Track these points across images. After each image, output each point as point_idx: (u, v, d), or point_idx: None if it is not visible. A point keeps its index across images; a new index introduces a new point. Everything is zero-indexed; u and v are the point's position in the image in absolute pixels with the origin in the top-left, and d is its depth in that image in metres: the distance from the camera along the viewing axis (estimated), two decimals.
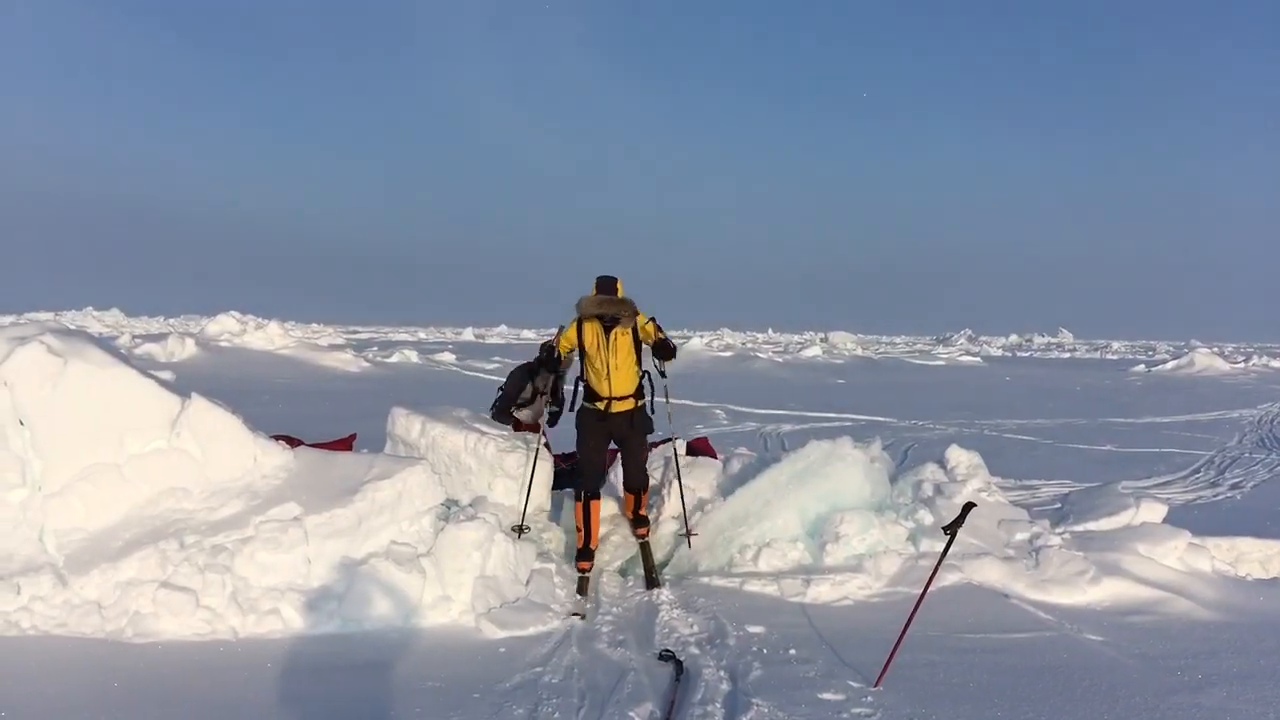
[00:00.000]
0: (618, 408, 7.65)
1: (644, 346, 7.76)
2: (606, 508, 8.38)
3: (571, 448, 8.30)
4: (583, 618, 6.54)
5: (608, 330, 7.49)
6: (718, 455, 9.67)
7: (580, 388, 7.88)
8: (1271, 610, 6.76)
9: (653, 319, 7.68)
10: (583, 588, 7.26)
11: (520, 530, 7.56)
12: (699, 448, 9.98)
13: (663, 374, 8.10)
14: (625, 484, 8.03)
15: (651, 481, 8.81)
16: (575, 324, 7.65)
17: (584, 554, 7.54)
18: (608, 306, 7.49)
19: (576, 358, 7.88)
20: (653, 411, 7.92)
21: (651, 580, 7.47)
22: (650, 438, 8.13)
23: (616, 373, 7.55)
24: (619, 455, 8.11)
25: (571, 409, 8.02)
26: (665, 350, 7.80)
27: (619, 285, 7.59)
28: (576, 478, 7.95)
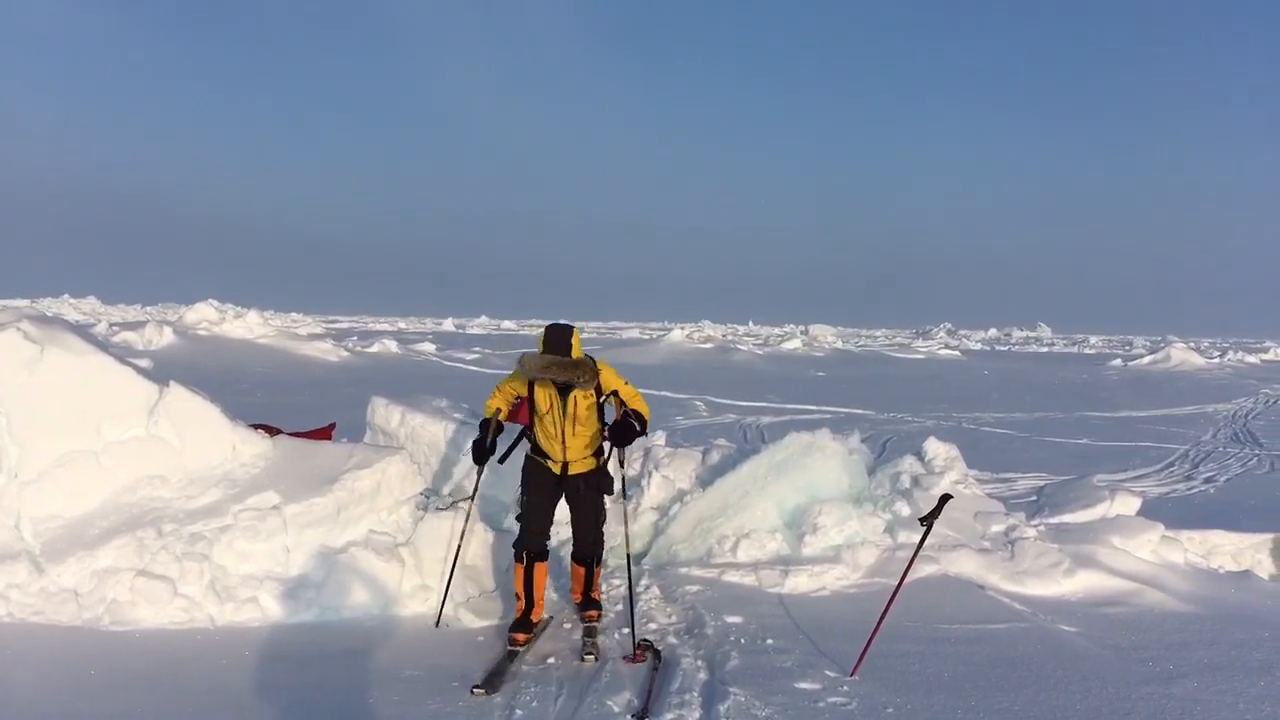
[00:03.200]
0: (575, 470, 6.15)
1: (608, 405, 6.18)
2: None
3: None
4: (486, 694, 5.03)
5: (564, 393, 5.92)
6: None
7: (527, 441, 6.36)
8: (1243, 602, 6.84)
9: (626, 384, 6.13)
10: (502, 665, 5.49)
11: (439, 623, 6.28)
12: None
13: (621, 462, 6.38)
14: (573, 552, 6.40)
15: (630, 473, 8.78)
16: (522, 384, 6.07)
17: (521, 624, 5.97)
18: (557, 371, 5.75)
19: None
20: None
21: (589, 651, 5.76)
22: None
23: (574, 439, 6.04)
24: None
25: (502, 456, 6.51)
26: (626, 433, 5.99)
27: (575, 340, 5.80)
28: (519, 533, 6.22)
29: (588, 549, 6.28)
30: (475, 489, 6.60)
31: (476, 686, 5.07)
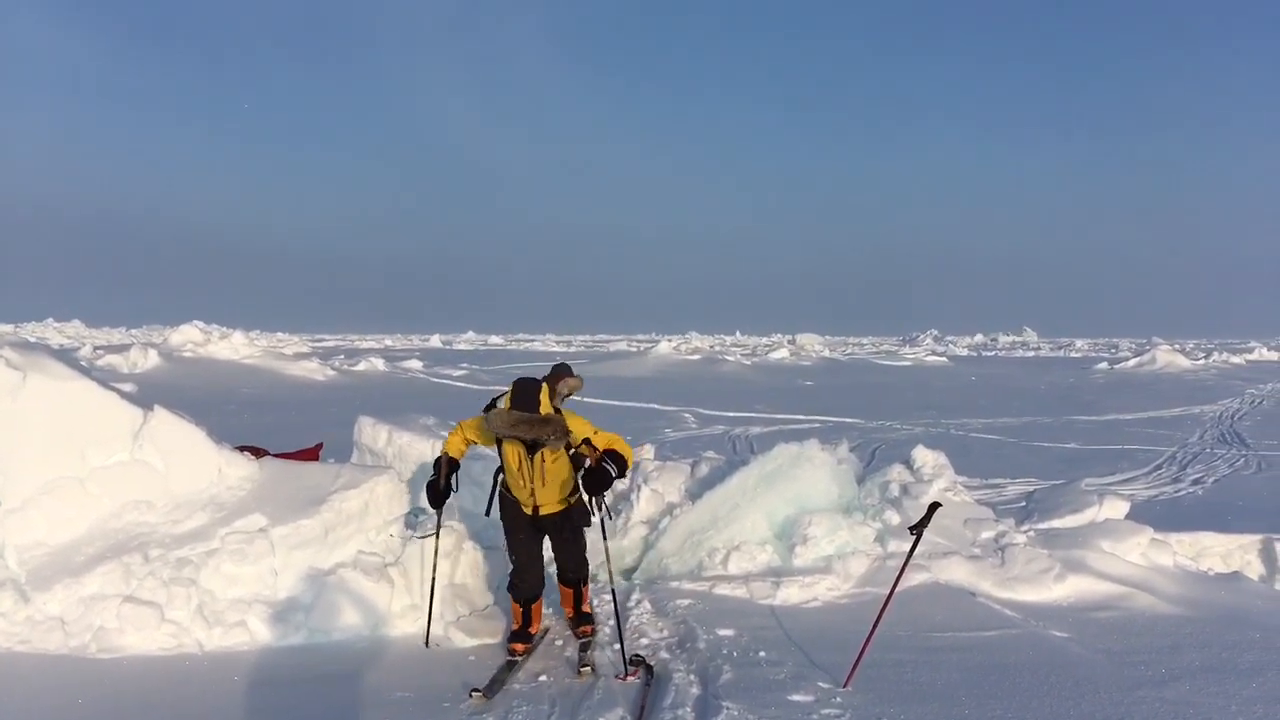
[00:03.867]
0: (546, 511, 6.07)
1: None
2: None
3: None
4: (485, 698, 5.17)
5: (531, 450, 5.76)
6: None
7: (498, 482, 6.27)
8: (1233, 604, 6.85)
9: (598, 431, 5.88)
10: (502, 674, 5.59)
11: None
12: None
13: (598, 505, 6.15)
14: (560, 576, 6.39)
15: (620, 486, 8.78)
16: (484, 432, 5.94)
17: (520, 635, 6.08)
18: (525, 429, 5.56)
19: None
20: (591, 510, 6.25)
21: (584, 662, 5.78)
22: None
23: (544, 490, 5.95)
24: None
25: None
26: (600, 482, 5.85)
27: (542, 396, 5.56)
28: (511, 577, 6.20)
29: (571, 573, 6.30)
30: (438, 526, 6.41)
31: (475, 690, 5.19)
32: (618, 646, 5.92)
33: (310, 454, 8.53)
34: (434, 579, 6.30)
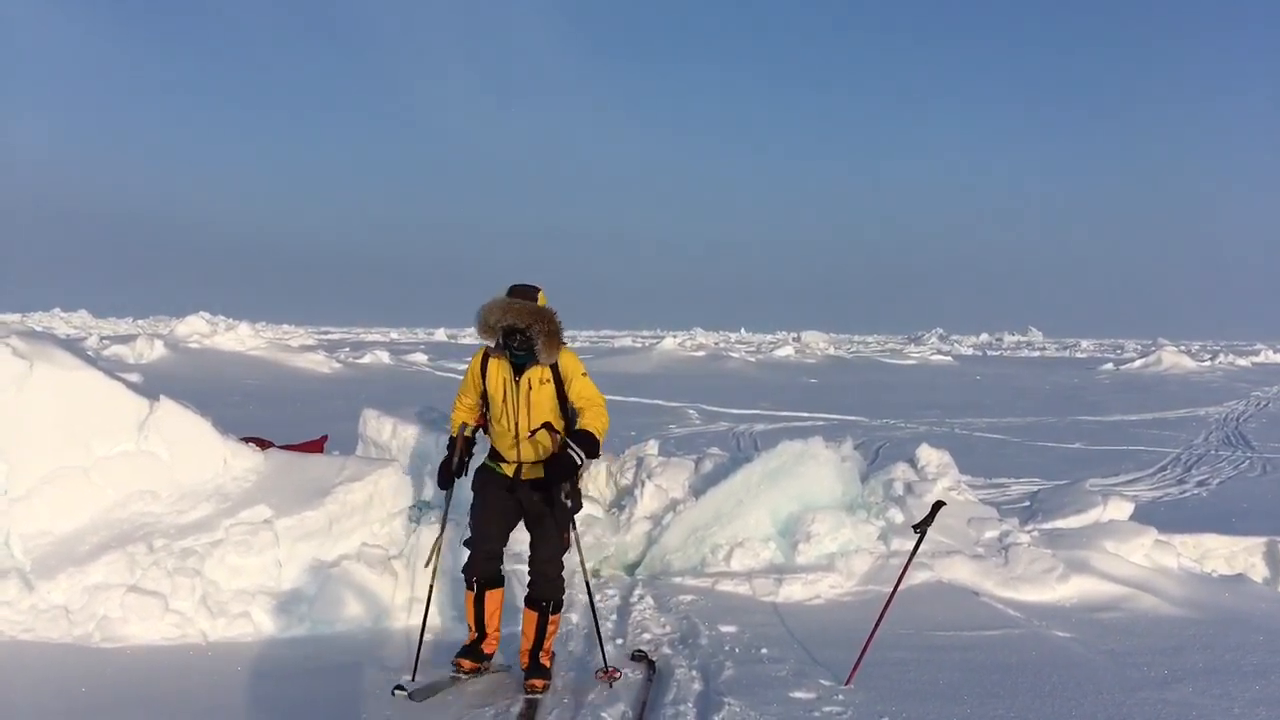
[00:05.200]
0: (530, 474, 5.37)
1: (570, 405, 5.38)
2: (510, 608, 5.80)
3: None
4: (408, 697, 4.91)
5: (518, 369, 5.24)
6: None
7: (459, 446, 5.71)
8: (1237, 606, 6.85)
9: (586, 374, 5.38)
10: (439, 684, 5.19)
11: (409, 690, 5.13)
12: None
13: (565, 496, 5.30)
14: (528, 589, 5.42)
15: (624, 482, 8.75)
16: (478, 359, 5.42)
17: (470, 651, 5.39)
18: (514, 315, 5.10)
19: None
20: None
21: None
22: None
23: (527, 443, 5.32)
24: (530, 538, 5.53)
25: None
26: (563, 468, 5.20)
27: (540, 296, 5.24)
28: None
29: (543, 582, 5.33)
30: (445, 515, 5.87)
31: (399, 687, 4.96)
32: (620, 640, 5.92)
33: (315, 446, 8.54)
34: (435, 566, 5.79)
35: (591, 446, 5.24)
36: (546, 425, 5.28)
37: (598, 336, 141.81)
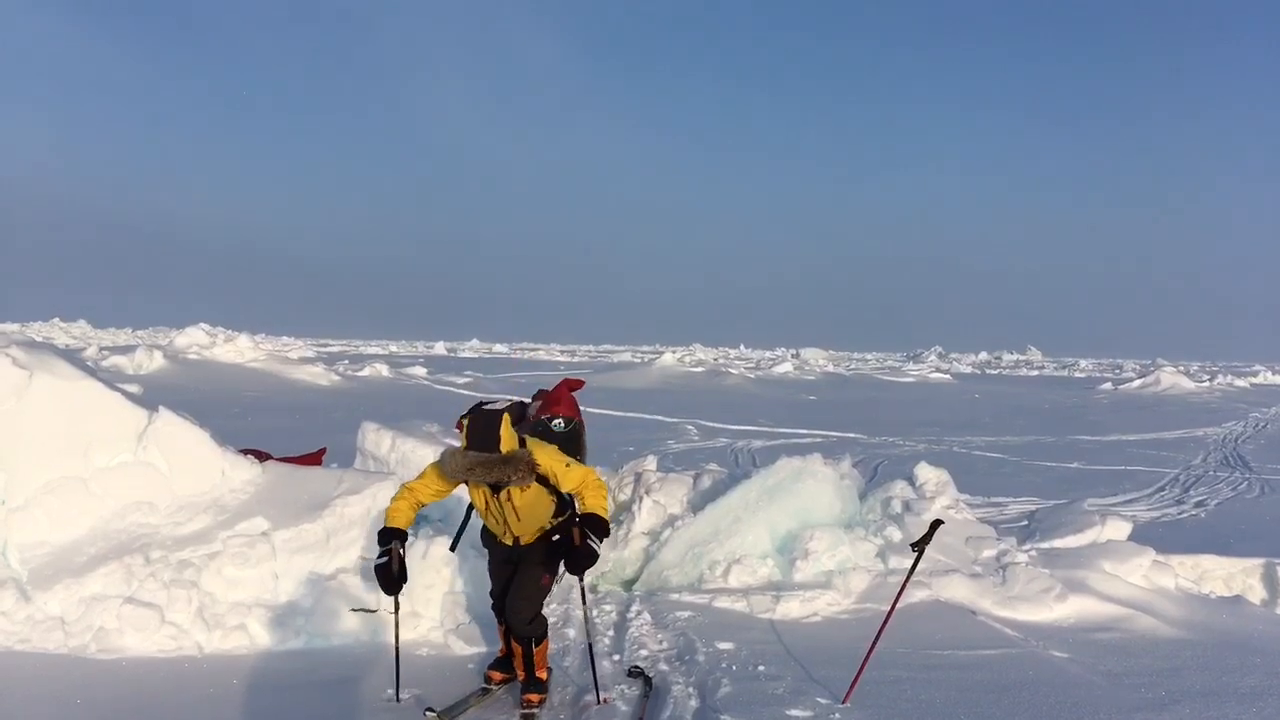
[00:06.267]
0: (528, 542, 5.30)
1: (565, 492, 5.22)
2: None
3: None
4: (439, 718, 4.96)
5: (497, 490, 4.97)
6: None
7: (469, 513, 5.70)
8: (1234, 627, 6.83)
9: (569, 465, 5.12)
10: (470, 700, 5.32)
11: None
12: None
13: (583, 594, 5.69)
14: (506, 610, 5.35)
15: (622, 497, 8.76)
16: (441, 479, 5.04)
17: (501, 663, 5.59)
18: (483, 473, 4.79)
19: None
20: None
21: None
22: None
23: (521, 525, 5.18)
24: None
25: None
26: (584, 560, 5.14)
27: (503, 429, 4.74)
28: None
29: (518, 627, 5.26)
30: (395, 609, 5.53)
31: (430, 709, 4.96)
32: (618, 657, 5.91)
33: (313, 459, 8.54)
34: (397, 659, 5.47)
35: (604, 530, 5.13)
36: (543, 531, 5.23)
37: (597, 351, 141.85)
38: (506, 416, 4.79)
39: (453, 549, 5.87)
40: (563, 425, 8.61)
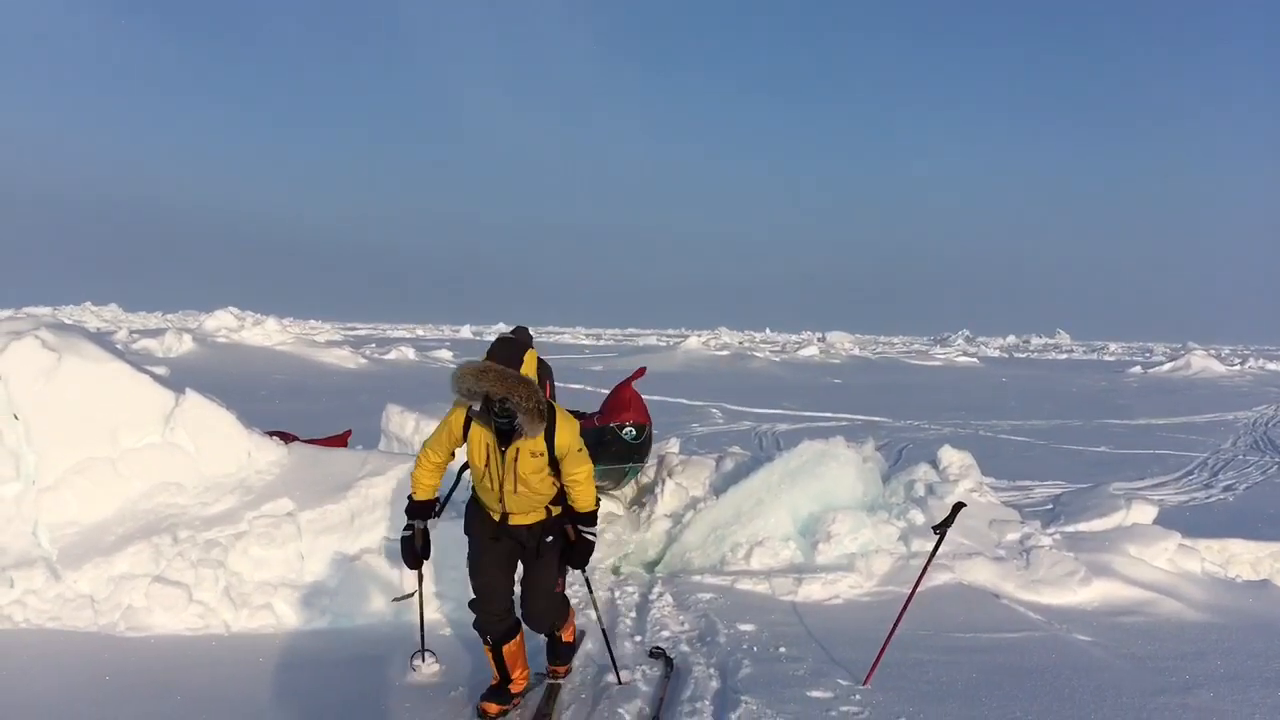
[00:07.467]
0: (517, 521, 4.84)
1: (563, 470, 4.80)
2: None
3: None
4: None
5: (504, 439, 4.57)
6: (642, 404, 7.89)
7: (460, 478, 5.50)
8: (1260, 612, 6.79)
9: (581, 450, 4.77)
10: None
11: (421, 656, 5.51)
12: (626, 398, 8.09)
13: (589, 586, 5.57)
14: (524, 617, 5.01)
15: (644, 479, 8.78)
16: (461, 412, 4.71)
17: (495, 694, 4.99)
18: (492, 380, 4.41)
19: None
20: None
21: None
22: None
23: (514, 498, 4.73)
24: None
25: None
26: (585, 554, 4.97)
27: (528, 358, 4.52)
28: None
29: (539, 615, 5.01)
30: (420, 587, 5.61)
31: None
32: (639, 638, 5.93)
33: (339, 440, 8.61)
34: (422, 629, 5.62)
35: (594, 520, 4.97)
36: (548, 513, 4.90)
37: (622, 335, 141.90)
38: (535, 353, 4.62)
39: (437, 514, 5.23)
40: (634, 434, 8.43)
